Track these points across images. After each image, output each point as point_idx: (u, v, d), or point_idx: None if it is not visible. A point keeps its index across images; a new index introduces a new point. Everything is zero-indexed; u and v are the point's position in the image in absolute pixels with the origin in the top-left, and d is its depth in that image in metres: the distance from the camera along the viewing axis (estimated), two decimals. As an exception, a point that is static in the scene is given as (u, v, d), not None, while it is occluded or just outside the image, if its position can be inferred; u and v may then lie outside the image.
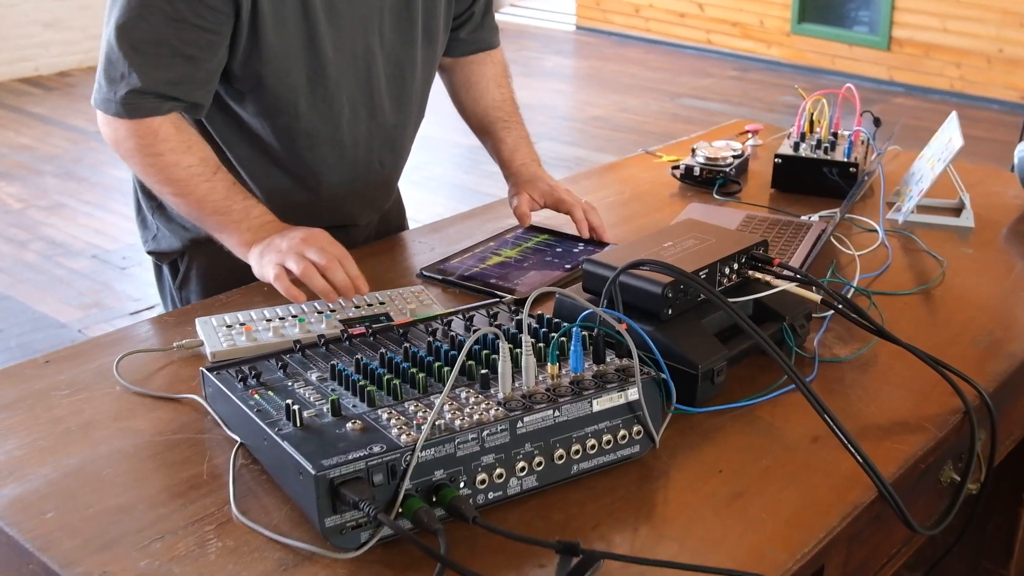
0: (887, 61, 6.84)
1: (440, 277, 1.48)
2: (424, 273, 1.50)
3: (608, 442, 1.03)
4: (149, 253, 1.67)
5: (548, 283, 1.45)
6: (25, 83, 6.73)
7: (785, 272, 1.26)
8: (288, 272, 1.32)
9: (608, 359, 1.07)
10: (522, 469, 0.98)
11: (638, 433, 1.05)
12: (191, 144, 1.39)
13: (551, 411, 0.98)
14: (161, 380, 1.21)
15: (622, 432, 1.03)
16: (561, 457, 1.00)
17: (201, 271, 1.62)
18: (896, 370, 1.24)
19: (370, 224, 1.73)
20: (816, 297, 1.22)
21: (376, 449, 0.92)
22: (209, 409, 1.13)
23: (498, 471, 0.97)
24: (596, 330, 1.06)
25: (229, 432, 1.09)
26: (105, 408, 1.15)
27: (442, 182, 5.07)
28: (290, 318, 1.32)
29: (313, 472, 0.88)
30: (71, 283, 3.86)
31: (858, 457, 1.00)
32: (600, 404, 1.01)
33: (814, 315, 1.31)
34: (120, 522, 0.96)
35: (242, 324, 1.30)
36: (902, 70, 6.76)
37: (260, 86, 1.44)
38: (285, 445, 0.94)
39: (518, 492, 0.99)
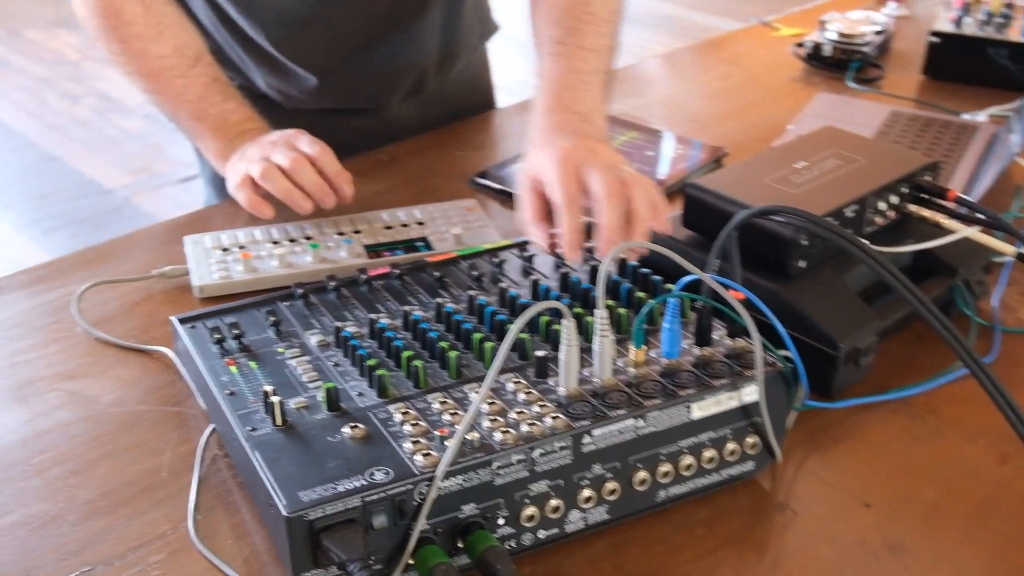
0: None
1: (496, 187, 1.17)
2: (476, 181, 1.19)
3: (711, 460, 0.73)
4: None
5: (635, 200, 1.13)
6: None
7: (962, 210, 0.92)
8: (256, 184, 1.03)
9: (715, 337, 0.77)
10: (587, 499, 0.70)
11: (753, 446, 0.75)
12: (163, 29, 1.09)
13: (632, 420, 0.69)
14: (134, 321, 0.95)
15: (731, 446, 0.74)
16: (644, 482, 0.71)
17: None
18: (1107, 350, 0.91)
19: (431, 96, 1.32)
20: (1009, 249, 0.88)
21: (379, 476, 0.64)
22: (183, 370, 0.86)
23: (554, 503, 0.68)
24: (702, 302, 0.75)
25: (204, 406, 0.82)
26: (55, 360, 0.90)
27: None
28: (303, 240, 1.03)
29: (286, 512, 0.61)
30: (121, 144, 3.63)
31: (1077, 507, 0.69)
32: (703, 408, 0.71)
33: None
34: (37, 541, 0.71)
35: (241, 248, 1.02)
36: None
37: None
38: (255, 458, 0.67)
39: (581, 529, 0.71)
